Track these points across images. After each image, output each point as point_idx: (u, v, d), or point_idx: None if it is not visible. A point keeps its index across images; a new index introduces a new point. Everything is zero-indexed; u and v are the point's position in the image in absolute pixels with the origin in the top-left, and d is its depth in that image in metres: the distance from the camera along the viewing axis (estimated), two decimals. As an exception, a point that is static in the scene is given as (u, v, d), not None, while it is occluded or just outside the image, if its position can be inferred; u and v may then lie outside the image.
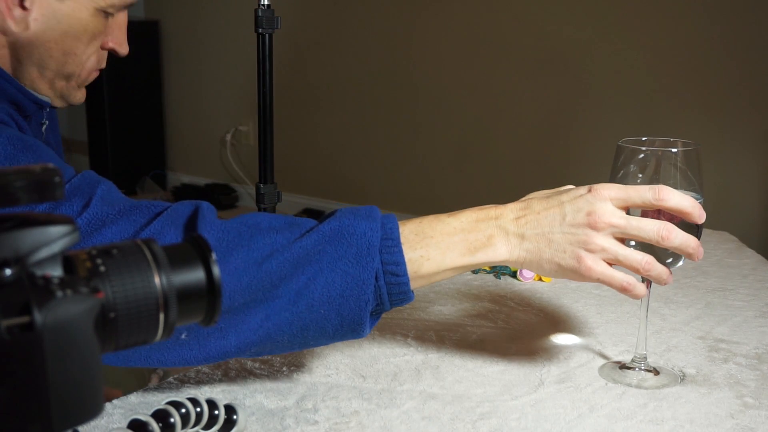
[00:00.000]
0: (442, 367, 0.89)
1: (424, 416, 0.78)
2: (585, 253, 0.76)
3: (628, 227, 0.76)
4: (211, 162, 4.32)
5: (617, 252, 0.76)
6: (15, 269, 0.37)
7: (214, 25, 4.16)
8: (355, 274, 0.73)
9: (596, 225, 0.75)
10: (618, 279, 0.77)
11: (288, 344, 0.76)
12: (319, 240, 0.73)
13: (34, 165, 0.39)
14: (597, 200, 0.76)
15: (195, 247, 0.46)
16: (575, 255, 0.76)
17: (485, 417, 0.78)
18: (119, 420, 0.76)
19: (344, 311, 0.74)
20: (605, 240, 0.76)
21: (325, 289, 0.73)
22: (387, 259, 0.74)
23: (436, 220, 0.78)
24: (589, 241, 0.75)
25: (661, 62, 2.86)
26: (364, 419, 0.78)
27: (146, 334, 0.42)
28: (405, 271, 0.74)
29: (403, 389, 0.84)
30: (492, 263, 0.78)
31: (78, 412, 0.38)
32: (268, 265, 0.72)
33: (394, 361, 0.90)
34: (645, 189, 0.77)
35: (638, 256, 0.76)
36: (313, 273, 0.72)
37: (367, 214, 0.75)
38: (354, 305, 0.73)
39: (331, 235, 0.74)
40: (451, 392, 0.84)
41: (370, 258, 0.73)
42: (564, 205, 0.77)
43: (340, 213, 0.76)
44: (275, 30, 1.50)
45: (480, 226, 0.78)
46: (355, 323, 0.75)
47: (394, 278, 0.74)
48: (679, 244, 0.76)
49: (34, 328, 0.36)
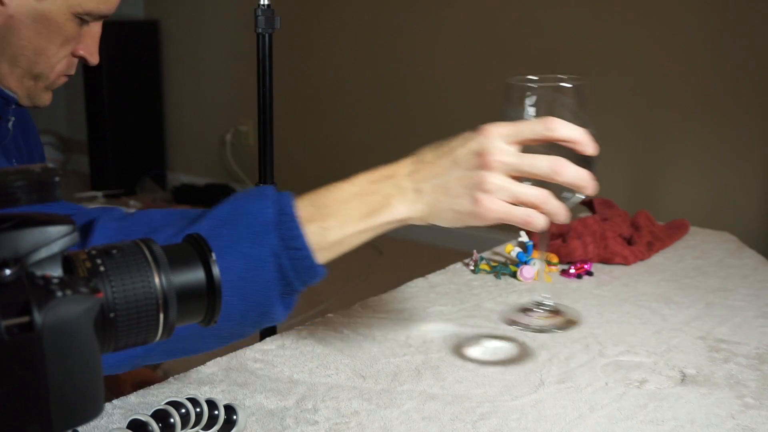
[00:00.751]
0: (442, 367, 0.89)
1: (424, 416, 0.78)
2: (482, 195, 0.73)
3: (521, 164, 0.74)
4: (211, 162, 4.32)
5: (513, 189, 0.74)
6: (15, 269, 0.37)
7: (214, 25, 4.16)
8: (253, 254, 0.71)
9: (489, 164, 0.73)
10: (518, 214, 0.74)
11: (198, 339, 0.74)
12: (212, 225, 0.71)
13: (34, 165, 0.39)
14: (487, 139, 0.74)
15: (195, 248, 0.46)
16: (472, 197, 0.74)
17: (485, 417, 0.78)
18: (119, 420, 0.76)
19: (248, 294, 0.71)
20: (500, 179, 0.73)
21: (225, 275, 0.69)
22: (285, 234, 0.72)
23: (333, 188, 0.76)
24: (483, 181, 0.73)
25: (661, 62, 2.86)
26: (364, 419, 0.78)
27: (146, 334, 0.42)
28: (304, 244, 0.72)
29: (403, 389, 0.84)
30: (393, 223, 0.76)
31: (78, 412, 0.38)
32: None
33: (394, 361, 0.90)
34: (534, 122, 0.75)
35: (534, 191, 0.74)
36: None
37: (259, 193, 0.74)
38: (258, 286, 0.71)
39: (225, 218, 0.72)
40: (451, 392, 0.83)
41: (266, 235, 0.71)
42: (455, 150, 0.75)
43: (232, 197, 0.75)
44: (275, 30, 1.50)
45: (375, 187, 0.76)
46: (262, 305, 0.72)
47: (296, 252, 0.72)
48: (572, 178, 0.74)
49: (34, 328, 0.35)
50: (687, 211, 2.86)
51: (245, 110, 4.06)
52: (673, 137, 2.84)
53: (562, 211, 0.77)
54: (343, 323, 1.00)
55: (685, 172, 2.82)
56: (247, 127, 4.13)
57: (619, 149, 2.90)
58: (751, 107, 2.73)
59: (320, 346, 0.93)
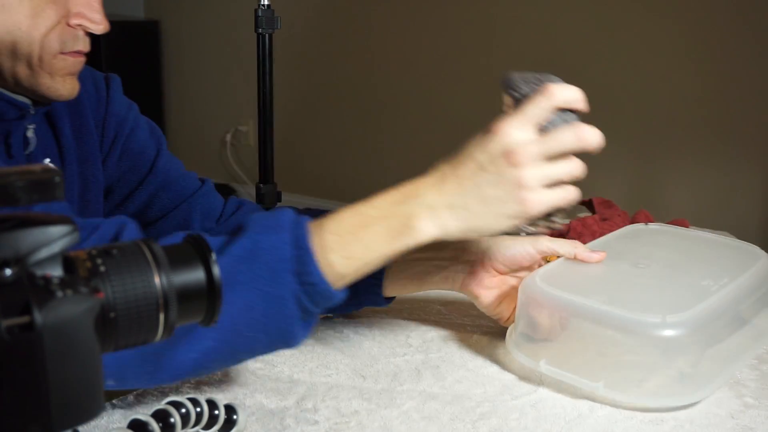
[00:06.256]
0: (442, 367, 0.89)
1: (424, 416, 0.78)
2: (524, 192, 0.73)
3: (549, 148, 0.73)
4: (211, 162, 4.32)
5: (550, 174, 0.73)
6: (15, 269, 0.37)
7: (214, 25, 4.16)
8: (272, 293, 0.70)
9: (519, 161, 0.72)
10: (564, 198, 0.75)
11: (221, 366, 0.75)
12: (231, 263, 0.69)
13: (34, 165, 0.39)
14: (504, 137, 0.73)
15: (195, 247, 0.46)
16: (516, 198, 0.73)
17: (485, 417, 0.78)
18: (119, 420, 0.76)
19: (271, 330, 0.71)
20: (534, 170, 0.73)
21: (247, 312, 0.70)
22: (302, 270, 0.70)
23: (353, 212, 0.74)
24: (521, 178, 0.72)
25: (661, 62, 2.86)
26: (364, 419, 0.78)
27: (146, 334, 0.42)
28: (322, 278, 0.70)
29: (403, 389, 0.84)
30: (422, 244, 0.74)
31: (78, 412, 0.38)
32: None
33: (394, 361, 0.90)
34: (535, 97, 0.74)
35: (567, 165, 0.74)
36: (232, 298, 0.69)
37: (276, 225, 0.71)
38: (279, 322, 0.71)
39: (243, 255, 0.70)
40: (451, 392, 0.83)
41: (284, 273, 0.69)
42: (477, 158, 0.74)
43: (248, 227, 0.72)
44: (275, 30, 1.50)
45: (398, 209, 0.73)
46: (285, 337, 0.72)
47: (311, 288, 0.70)
48: (594, 139, 0.74)
49: (34, 328, 0.36)
50: (687, 211, 2.86)
51: (245, 110, 4.06)
52: (673, 137, 2.84)
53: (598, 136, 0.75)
54: (343, 323, 1.00)
55: (685, 172, 2.82)
56: (247, 127, 4.13)
57: (619, 149, 2.90)
58: (751, 107, 2.73)
59: (320, 346, 0.93)
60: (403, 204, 0.74)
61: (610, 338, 0.81)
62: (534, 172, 0.73)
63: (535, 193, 0.73)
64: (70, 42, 0.83)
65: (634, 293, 0.83)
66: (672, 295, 0.83)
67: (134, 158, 1.02)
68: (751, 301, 0.88)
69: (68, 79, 0.85)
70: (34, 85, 0.83)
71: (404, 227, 0.73)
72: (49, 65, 0.82)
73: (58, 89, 0.84)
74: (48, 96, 0.85)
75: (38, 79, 0.83)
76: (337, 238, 0.72)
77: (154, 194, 1.03)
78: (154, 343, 0.67)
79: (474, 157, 0.74)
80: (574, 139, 0.73)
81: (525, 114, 0.74)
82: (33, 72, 0.82)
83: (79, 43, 0.84)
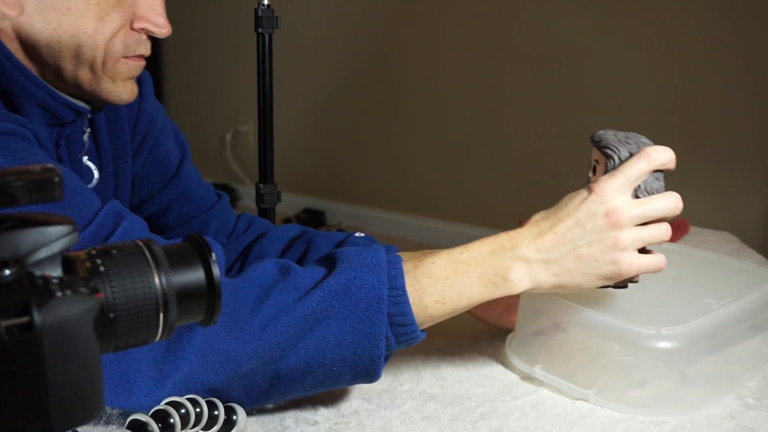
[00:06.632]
0: (442, 367, 0.89)
1: (424, 416, 0.78)
2: (619, 254, 0.75)
3: (646, 212, 0.76)
4: (211, 162, 4.32)
5: (644, 237, 0.76)
6: (14, 269, 0.37)
7: (214, 25, 4.16)
8: (366, 331, 0.71)
9: (619, 222, 0.75)
10: (655, 263, 0.77)
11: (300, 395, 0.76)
12: (325, 296, 0.71)
13: (34, 165, 0.39)
14: (607, 198, 0.75)
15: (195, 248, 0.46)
16: (611, 260, 0.75)
17: (485, 417, 0.78)
18: (119, 420, 0.76)
19: (358, 367, 0.73)
20: (631, 232, 0.75)
21: (336, 348, 0.71)
22: (394, 311, 0.72)
23: (449, 258, 0.75)
24: (618, 240, 0.75)
25: (661, 62, 2.86)
26: (364, 419, 0.78)
27: (146, 334, 0.42)
28: (412, 320, 0.73)
29: (403, 389, 0.84)
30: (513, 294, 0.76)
31: (78, 412, 0.38)
32: (273, 327, 0.70)
33: (394, 361, 0.90)
34: (636, 160, 0.77)
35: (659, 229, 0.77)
36: (323, 332, 0.71)
37: (373, 264, 0.73)
38: (367, 360, 0.72)
39: (338, 290, 0.71)
40: (451, 392, 0.83)
41: (378, 313, 0.71)
42: (576, 216, 0.75)
43: (345, 263, 0.73)
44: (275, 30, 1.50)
45: (495, 260, 0.75)
46: (369, 375, 0.74)
47: (402, 328, 0.73)
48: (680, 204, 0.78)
49: (34, 328, 0.35)
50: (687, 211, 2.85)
51: (245, 110, 4.06)
52: (673, 137, 2.84)
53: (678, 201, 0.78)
54: (343, 323, 0.99)
55: (685, 172, 2.82)
56: (247, 127, 4.13)
57: (619, 149, 2.90)
58: (751, 107, 2.73)
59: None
60: (499, 254, 0.75)
61: (606, 347, 0.82)
62: (629, 234, 0.75)
63: (629, 255, 0.75)
64: (133, 46, 0.82)
65: (634, 306, 0.84)
66: (671, 310, 0.84)
67: (160, 160, 1.02)
68: (754, 322, 0.88)
69: (128, 83, 0.84)
70: (95, 90, 0.82)
71: (498, 278, 0.75)
72: (111, 69, 0.81)
73: (119, 93, 0.83)
74: (108, 100, 0.83)
75: (100, 84, 0.82)
76: (431, 281, 0.74)
77: (174, 200, 1.03)
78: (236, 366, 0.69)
79: (573, 215, 0.75)
80: (672, 206, 0.77)
81: (625, 176, 0.76)
82: (95, 76, 0.81)
83: (142, 47, 0.83)
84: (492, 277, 0.75)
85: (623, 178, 0.76)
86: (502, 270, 0.75)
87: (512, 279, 0.75)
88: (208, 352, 0.70)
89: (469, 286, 0.74)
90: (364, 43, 3.63)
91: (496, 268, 0.75)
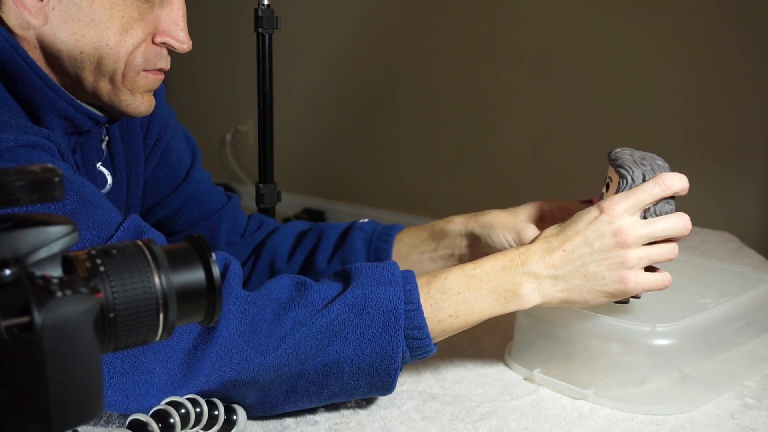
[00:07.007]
0: (442, 367, 0.89)
1: (424, 416, 0.78)
2: (626, 272, 0.76)
3: (654, 232, 0.77)
4: (211, 162, 4.32)
5: (652, 255, 0.77)
6: (14, 269, 0.37)
7: (214, 25, 4.16)
8: (384, 345, 0.73)
9: (626, 242, 0.76)
10: (660, 282, 0.78)
11: (314, 406, 0.77)
12: (342, 310, 0.73)
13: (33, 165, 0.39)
14: (615, 219, 0.77)
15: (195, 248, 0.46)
16: (618, 278, 0.76)
17: (485, 417, 0.78)
18: (119, 420, 0.75)
19: (374, 379, 0.74)
20: (638, 251, 0.77)
21: (354, 361, 0.73)
22: (409, 324, 0.74)
23: (461, 274, 0.77)
24: (626, 259, 0.76)
25: (661, 62, 2.86)
26: (364, 419, 0.78)
27: (146, 334, 0.42)
28: (427, 333, 0.75)
29: (403, 389, 0.84)
30: (523, 309, 0.78)
31: (78, 412, 0.38)
32: (291, 339, 0.71)
33: (394, 361, 0.90)
34: (649, 186, 0.78)
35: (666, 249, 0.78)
36: (342, 345, 0.72)
37: (388, 278, 0.75)
38: (384, 373, 0.74)
39: (355, 304, 0.73)
40: (451, 392, 0.83)
41: (395, 327, 0.73)
42: (585, 234, 0.77)
43: (360, 278, 0.75)
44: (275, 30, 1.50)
45: (506, 276, 0.77)
46: (384, 387, 0.75)
47: (417, 342, 0.74)
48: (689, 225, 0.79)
49: (34, 328, 0.35)
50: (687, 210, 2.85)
51: (245, 110, 4.06)
52: (673, 137, 2.84)
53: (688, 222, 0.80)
54: (343, 323, 0.99)
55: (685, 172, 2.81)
56: (247, 127, 4.13)
57: (619, 149, 2.90)
58: (751, 107, 2.73)
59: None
60: (510, 270, 0.77)
61: (602, 346, 0.82)
62: (637, 253, 0.77)
63: (636, 274, 0.77)
64: (154, 59, 0.83)
65: (631, 307, 0.84)
66: (667, 309, 0.85)
67: (171, 165, 1.03)
68: (749, 320, 0.89)
69: (146, 96, 0.85)
70: (114, 101, 0.83)
71: (510, 293, 0.77)
72: (131, 82, 0.82)
73: (138, 106, 0.84)
74: (126, 112, 0.84)
75: (119, 96, 0.82)
76: (444, 296, 0.76)
77: (185, 203, 1.04)
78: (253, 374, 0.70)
79: (582, 234, 0.77)
80: (680, 227, 0.78)
81: (637, 199, 0.77)
82: (115, 88, 0.82)
83: (162, 61, 0.84)
84: (503, 292, 0.77)
85: (634, 201, 0.77)
86: (513, 285, 0.77)
87: (522, 294, 0.77)
88: (227, 362, 0.71)
89: (482, 300, 0.77)
90: (363, 43, 3.63)
91: (507, 283, 0.77)
